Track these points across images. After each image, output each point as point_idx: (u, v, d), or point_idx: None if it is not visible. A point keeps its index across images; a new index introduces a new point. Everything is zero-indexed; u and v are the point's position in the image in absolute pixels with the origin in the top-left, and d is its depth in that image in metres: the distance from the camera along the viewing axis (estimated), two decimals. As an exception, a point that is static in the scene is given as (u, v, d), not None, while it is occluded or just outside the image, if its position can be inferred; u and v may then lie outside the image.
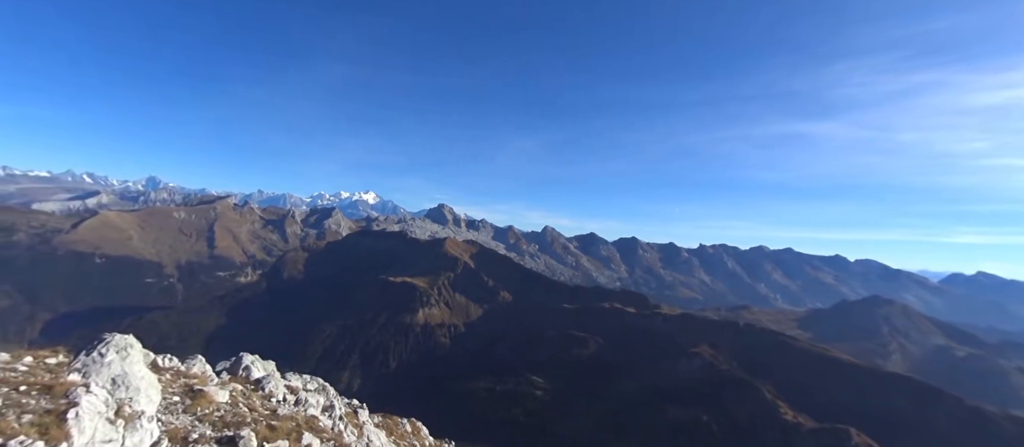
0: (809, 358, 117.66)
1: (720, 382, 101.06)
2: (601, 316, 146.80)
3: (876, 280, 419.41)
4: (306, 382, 15.57)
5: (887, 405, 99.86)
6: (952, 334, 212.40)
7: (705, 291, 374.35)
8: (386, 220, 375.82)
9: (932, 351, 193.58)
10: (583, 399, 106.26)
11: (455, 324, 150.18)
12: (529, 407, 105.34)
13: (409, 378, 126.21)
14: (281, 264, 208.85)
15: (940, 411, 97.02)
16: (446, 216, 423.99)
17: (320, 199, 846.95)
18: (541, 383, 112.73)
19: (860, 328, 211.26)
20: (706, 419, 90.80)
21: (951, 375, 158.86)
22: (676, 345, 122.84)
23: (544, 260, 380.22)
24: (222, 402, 8.93)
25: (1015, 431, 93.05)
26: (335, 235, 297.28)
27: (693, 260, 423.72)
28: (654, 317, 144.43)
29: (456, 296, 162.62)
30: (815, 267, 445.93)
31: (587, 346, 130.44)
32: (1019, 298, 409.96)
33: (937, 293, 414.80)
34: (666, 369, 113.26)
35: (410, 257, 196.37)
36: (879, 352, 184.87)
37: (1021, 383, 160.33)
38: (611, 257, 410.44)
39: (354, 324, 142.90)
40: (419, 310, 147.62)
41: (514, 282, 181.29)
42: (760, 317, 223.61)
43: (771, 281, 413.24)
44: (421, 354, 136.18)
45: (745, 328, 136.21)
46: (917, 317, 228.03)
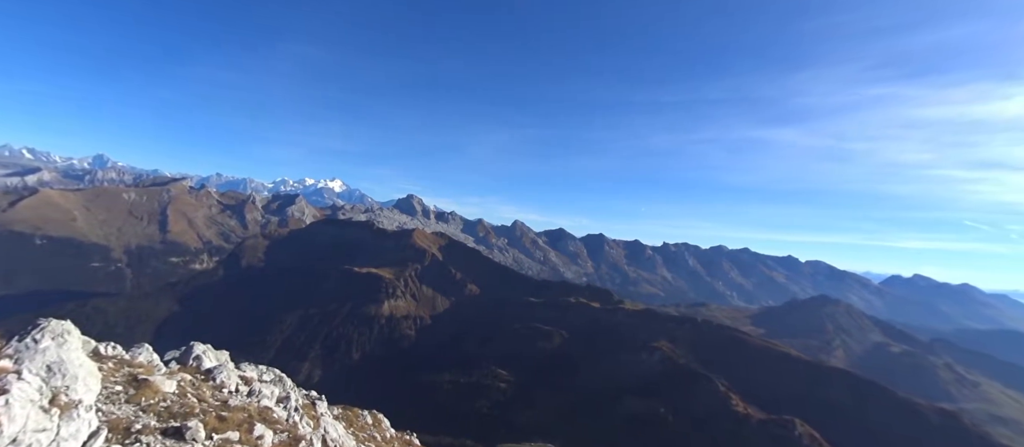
0: (760, 353, 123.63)
1: (677, 375, 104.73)
2: (567, 310, 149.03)
3: (824, 280, 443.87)
4: (262, 373, 15.22)
5: (829, 398, 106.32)
6: (889, 332, 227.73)
7: (667, 288, 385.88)
8: (352, 209, 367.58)
9: (871, 348, 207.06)
10: (547, 391, 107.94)
11: (421, 316, 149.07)
12: (493, 399, 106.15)
13: (372, 370, 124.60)
14: (240, 251, 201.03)
15: (875, 404, 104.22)
16: (415, 207, 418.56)
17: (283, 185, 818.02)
18: (506, 375, 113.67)
19: (807, 325, 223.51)
20: (663, 411, 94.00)
21: (887, 370, 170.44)
22: (637, 339, 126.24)
23: (513, 254, 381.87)
24: (169, 392, 8.67)
25: (941, 422, 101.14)
26: (298, 223, 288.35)
27: (657, 257, 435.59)
28: (617, 312, 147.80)
29: (423, 288, 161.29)
30: (769, 267, 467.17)
31: (552, 339, 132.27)
32: (950, 300, 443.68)
33: (878, 294, 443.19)
34: (627, 362, 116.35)
35: (377, 247, 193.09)
36: (824, 348, 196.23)
37: (948, 378, 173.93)
38: (578, 253, 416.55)
39: (316, 314, 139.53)
40: (384, 301, 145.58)
41: (482, 275, 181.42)
42: (717, 313, 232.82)
43: (728, 279, 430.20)
44: (386, 346, 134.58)
45: (702, 324, 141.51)
46: (859, 316, 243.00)
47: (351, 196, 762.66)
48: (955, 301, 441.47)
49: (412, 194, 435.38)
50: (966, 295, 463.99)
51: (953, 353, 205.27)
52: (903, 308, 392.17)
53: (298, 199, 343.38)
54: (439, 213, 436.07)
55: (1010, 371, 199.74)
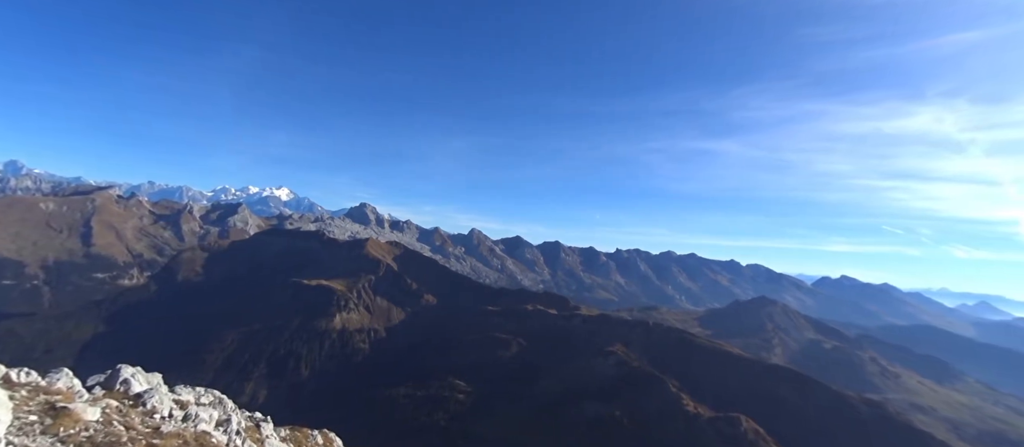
0: (708, 353, 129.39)
1: (631, 378, 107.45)
2: (524, 318, 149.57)
3: (763, 283, 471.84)
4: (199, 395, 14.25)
5: (771, 393, 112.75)
6: (822, 330, 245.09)
7: (620, 292, 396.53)
8: (301, 218, 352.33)
9: (806, 344, 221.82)
10: (505, 400, 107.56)
11: (375, 328, 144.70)
12: (451, 411, 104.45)
13: (323, 387, 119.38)
14: (175, 265, 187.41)
15: (812, 397, 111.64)
16: (368, 216, 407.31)
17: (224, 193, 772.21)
18: (463, 386, 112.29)
19: (749, 325, 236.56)
20: (618, 413, 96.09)
21: (820, 365, 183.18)
22: (593, 344, 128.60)
23: (470, 262, 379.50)
24: (91, 420, 7.96)
25: (869, 412, 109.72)
26: (241, 233, 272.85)
27: (610, 263, 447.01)
28: (574, 318, 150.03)
29: (377, 299, 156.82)
30: (714, 271, 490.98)
31: (510, 347, 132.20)
32: (872, 299, 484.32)
33: (810, 294, 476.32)
34: (584, 367, 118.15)
35: (327, 258, 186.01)
36: (764, 346, 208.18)
37: (873, 371, 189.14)
38: (535, 260, 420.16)
39: (261, 331, 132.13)
40: (336, 315, 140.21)
41: (439, 285, 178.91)
42: (667, 316, 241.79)
43: (677, 283, 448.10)
44: (337, 361, 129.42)
45: (654, 327, 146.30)
46: (795, 315, 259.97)
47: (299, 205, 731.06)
48: (877, 300, 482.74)
49: (365, 203, 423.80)
50: (886, 294, 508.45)
51: (877, 347, 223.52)
52: (833, 307, 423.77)
53: (241, 208, 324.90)
54: (394, 222, 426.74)
55: (926, 362, 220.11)
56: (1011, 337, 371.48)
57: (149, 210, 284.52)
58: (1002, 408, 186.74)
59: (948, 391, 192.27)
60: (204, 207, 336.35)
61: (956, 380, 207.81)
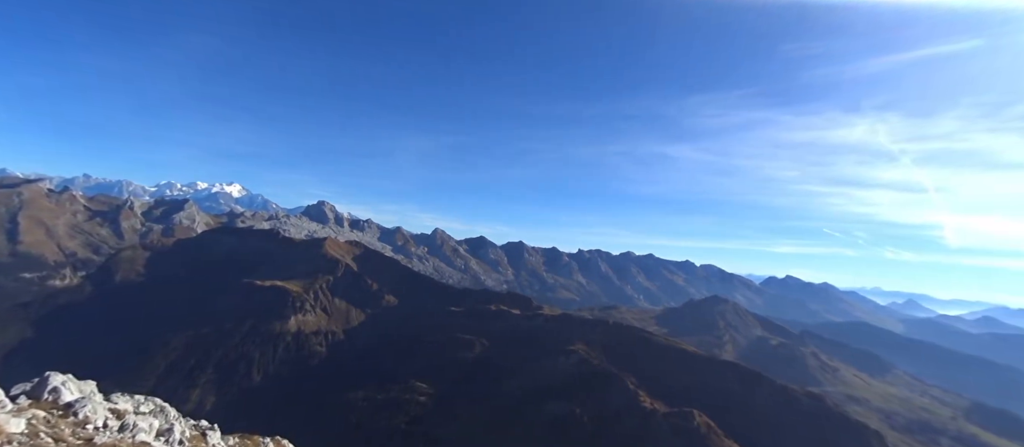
0: (664, 350, 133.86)
1: (591, 376, 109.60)
2: (488, 318, 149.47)
3: (716, 282, 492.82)
4: (138, 404, 13.47)
5: (722, 388, 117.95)
6: (768, 327, 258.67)
7: (582, 292, 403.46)
8: (254, 216, 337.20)
9: (754, 341, 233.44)
10: (468, 401, 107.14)
11: (333, 331, 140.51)
12: (412, 414, 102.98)
13: (277, 392, 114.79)
14: (113, 264, 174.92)
15: (759, 391, 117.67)
16: (327, 214, 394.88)
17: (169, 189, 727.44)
18: (425, 388, 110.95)
19: (703, 323, 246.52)
20: (579, 411, 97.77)
21: (767, 360, 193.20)
22: (556, 343, 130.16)
23: (433, 263, 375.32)
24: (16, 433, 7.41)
25: (810, 404, 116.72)
26: (188, 231, 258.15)
27: (573, 264, 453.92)
28: (536, 318, 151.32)
29: (335, 301, 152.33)
30: (670, 271, 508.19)
31: (473, 348, 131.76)
32: (814, 297, 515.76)
33: (759, 293, 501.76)
34: (546, 367, 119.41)
35: (282, 258, 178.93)
36: (716, 343, 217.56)
37: (814, 365, 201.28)
38: (499, 260, 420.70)
39: (209, 334, 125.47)
40: (291, 317, 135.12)
41: (400, 285, 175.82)
42: (626, 315, 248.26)
43: (636, 283, 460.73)
44: (292, 365, 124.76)
45: (613, 326, 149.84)
46: (744, 313, 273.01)
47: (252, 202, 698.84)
48: (818, 298, 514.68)
49: (323, 201, 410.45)
50: (826, 292, 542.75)
51: (817, 343, 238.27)
52: (778, 305, 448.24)
53: (188, 205, 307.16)
54: (354, 221, 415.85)
55: (861, 357, 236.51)
56: (935, 333, 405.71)
57: (84, 205, 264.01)
58: (928, 398, 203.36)
59: (880, 383, 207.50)
60: (146, 203, 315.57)
61: (887, 373, 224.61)
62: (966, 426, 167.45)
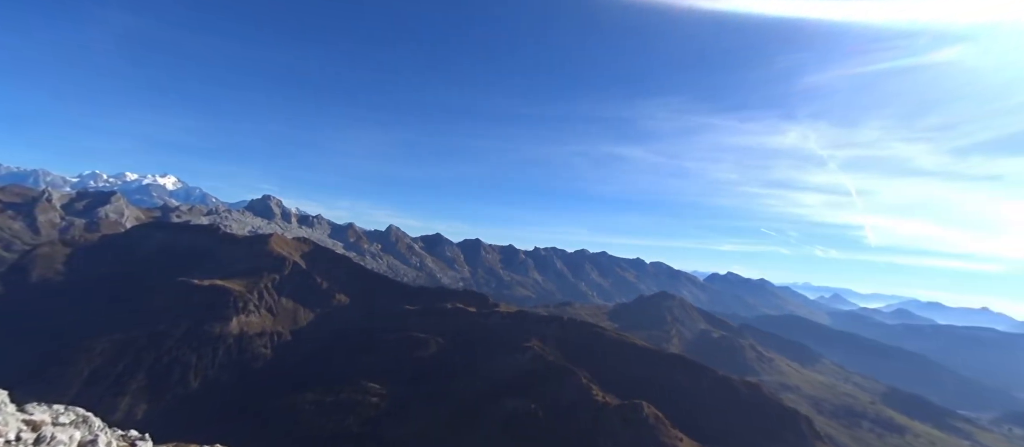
0: (615, 345, 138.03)
1: (547, 372, 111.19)
2: (444, 316, 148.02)
3: (664, 279, 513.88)
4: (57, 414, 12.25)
5: (669, 379, 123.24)
6: (711, 321, 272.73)
7: (538, 289, 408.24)
8: (191, 211, 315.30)
9: (698, 334, 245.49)
10: (423, 401, 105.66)
11: (279, 332, 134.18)
12: (364, 416, 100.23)
13: (217, 398, 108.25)
14: (28, 262, 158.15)
15: (702, 381, 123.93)
16: (273, 209, 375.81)
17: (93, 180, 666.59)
18: (378, 389, 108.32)
19: (652, 318, 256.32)
20: (534, 407, 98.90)
21: (709, 352, 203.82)
22: (512, 340, 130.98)
23: (387, 260, 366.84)
24: (-95, 453, 6.52)
25: (748, 393, 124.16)
26: (115, 226, 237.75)
27: (529, 261, 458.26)
28: (493, 315, 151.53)
29: (282, 301, 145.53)
30: (622, 268, 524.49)
31: (428, 347, 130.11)
32: (752, 292, 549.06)
33: (702, 288, 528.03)
34: (502, 364, 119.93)
35: (223, 255, 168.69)
36: (664, 337, 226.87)
37: (752, 356, 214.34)
38: (456, 258, 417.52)
39: (141, 337, 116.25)
40: (233, 318, 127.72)
41: (352, 283, 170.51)
42: (580, 312, 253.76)
43: (590, 280, 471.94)
44: (234, 369, 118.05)
45: (568, 322, 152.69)
46: (689, 308, 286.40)
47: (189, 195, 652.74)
48: (755, 293, 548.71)
49: (269, 195, 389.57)
50: (763, 288, 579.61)
51: (755, 335, 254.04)
52: (720, 300, 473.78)
53: (115, 197, 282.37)
54: (302, 216, 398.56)
55: (793, 348, 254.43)
56: (857, 324, 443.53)
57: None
58: (851, 385, 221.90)
59: (810, 372, 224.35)
60: (67, 195, 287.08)
61: (816, 362, 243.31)
62: (883, 410, 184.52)
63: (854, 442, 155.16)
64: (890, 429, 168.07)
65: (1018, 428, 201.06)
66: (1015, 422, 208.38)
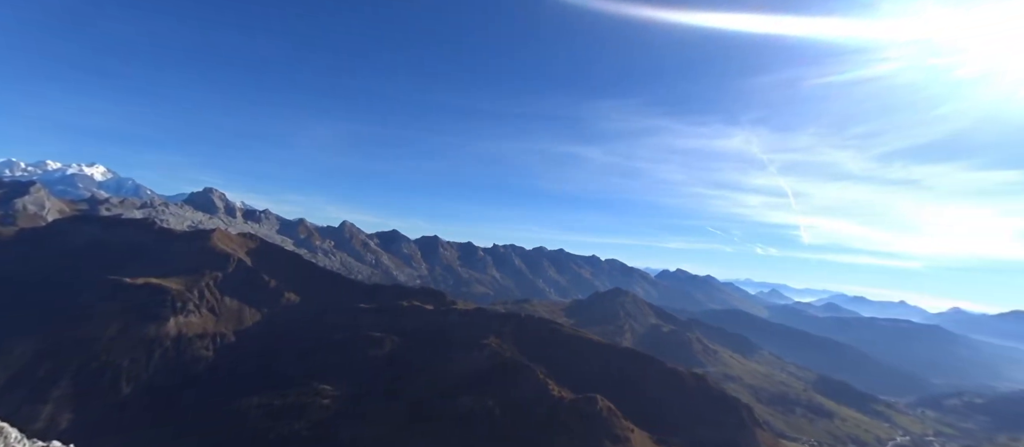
0: (571, 341, 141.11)
1: (504, 369, 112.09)
2: (400, 314, 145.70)
3: (618, 275, 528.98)
4: (-28, 427, 11.30)
5: (621, 373, 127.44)
6: (661, 315, 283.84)
7: (496, 287, 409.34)
8: (122, 204, 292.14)
9: (649, 329, 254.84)
10: (377, 401, 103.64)
11: (222, 333, 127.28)
12: (314, 418, 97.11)
13: (152, 404, 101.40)
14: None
15: (652, 373, 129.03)
16: (215, 203, 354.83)
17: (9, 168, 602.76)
18: (329, 391, 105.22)
19: (606, 314, 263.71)
20: (491, 404, 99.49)
21: (659, 346, 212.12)
22: (469, 338, 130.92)
23: (341, 257, 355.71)
24: None
25: (695, 383, 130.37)
26: (35, 219, 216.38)
27: (487, 258, 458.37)
28: (450, 313, 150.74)
29: (225, 300, 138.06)
30: (578, 265, 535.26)
31: (383, 346, 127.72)
32: (699, 288, 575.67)
33: (654, 285, 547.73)
34: (459, 361, 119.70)
35: (159, 252, 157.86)
36: (617, 332, 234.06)
37: (698, 349, 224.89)
38: (413, 255, 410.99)
39: (65, 340, 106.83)
40: (170, 319, 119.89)
41: (303, 281, 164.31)
42: (538, 308, 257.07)
43: (547, 277, 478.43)
44: (172, 373, 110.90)
45: (525, 319, 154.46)
46: (641, 304, 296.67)
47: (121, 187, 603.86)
48: (702, 289, 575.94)
49: (211, 188, 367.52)
50: (709, 284, 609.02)
51: (701, 329, 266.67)
52: (670, 296, 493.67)
53: (34, 188, 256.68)
54: (248, 211, 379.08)
55: (736, 340, 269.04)
56: (792, 317, 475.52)
57: None
58: (786, 374, 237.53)
59: (750, 362, 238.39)
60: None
61: (755, 353, 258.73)
62: (815, 396, 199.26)
63: (789, 427, 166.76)
64: (820, 414, 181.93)
65: (930, 411, 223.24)
66: (928, 406, 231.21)
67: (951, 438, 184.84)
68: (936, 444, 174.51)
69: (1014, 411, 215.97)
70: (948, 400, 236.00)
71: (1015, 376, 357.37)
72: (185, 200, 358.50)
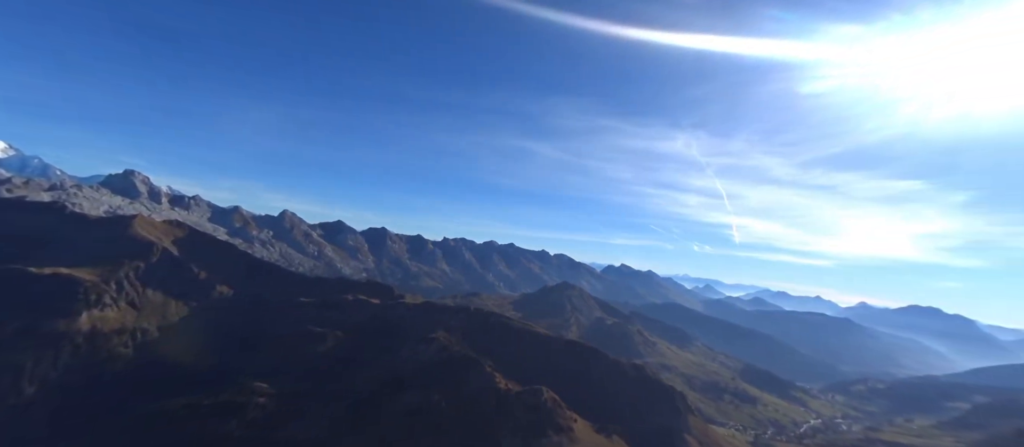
0: (519, 334, 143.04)
1: (451, 363, 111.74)
2: (344, 309, 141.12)
3: (566, 270, 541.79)
4: None
5: (567, 365, 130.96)
6: (605, 309, 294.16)
7: (446, 280, 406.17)
8: (27, 185, 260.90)
9: (594, 322, 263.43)
10: (318, 399, 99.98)
11: (144, 329, 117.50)
12: (248, 418, 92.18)
13: (61, 407, 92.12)
14: None
15: (595, 365, 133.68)
16: (138, 187, 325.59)
17: None
18: (266, 389, 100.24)
19: (553, 307, 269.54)
20: (437, 398, 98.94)
21: (603, 338, 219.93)
22: (416, 332, 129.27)
23: (280, 248, 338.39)
24: None
25: (635, 373, 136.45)
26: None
27: (437, 252, 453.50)
28: (398, 307, 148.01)
29: (148, 292, 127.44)
30: (528, 260, 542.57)
31: (325, 341, 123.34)
32: (641, 283, 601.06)
33: (599, 279, 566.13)
34: (406, 356, 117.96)
35: (70, 239, 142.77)
36: (564, 325, 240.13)
37: (639, 340, 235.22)
38: (359, 247, 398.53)
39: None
40: (82, 313, 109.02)
41: (238, 273, 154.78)
42: (487, 302, 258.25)
43: (498, 271, 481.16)
44: (84, 372, 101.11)
45: (474, 312, 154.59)
46: (587, 297, 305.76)
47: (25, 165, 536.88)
48: (644, 283, 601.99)
49: (132, 170, 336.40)
50: (650, 279, 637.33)
51: (642, 322, 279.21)
52: (614, 290, 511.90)
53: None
54: (176, 197, 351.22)
55: (673, 332, 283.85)
56: (723, 311, 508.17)
57: None
58: (717, 364, 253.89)
59: (685, 353, 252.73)
60: None
61: (690, 344, 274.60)
62: (741, 384, 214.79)
63: (718, 413, 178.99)
64: (746, 400, 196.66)
65: (839, 395, 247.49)
66: (838, 391, 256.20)
67: (856, 420, 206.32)
68: (843, 425, 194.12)
69: (910, 394, 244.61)
70: (854, 386, 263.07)
71: (910, 364, 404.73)
72: (102, 182, 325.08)
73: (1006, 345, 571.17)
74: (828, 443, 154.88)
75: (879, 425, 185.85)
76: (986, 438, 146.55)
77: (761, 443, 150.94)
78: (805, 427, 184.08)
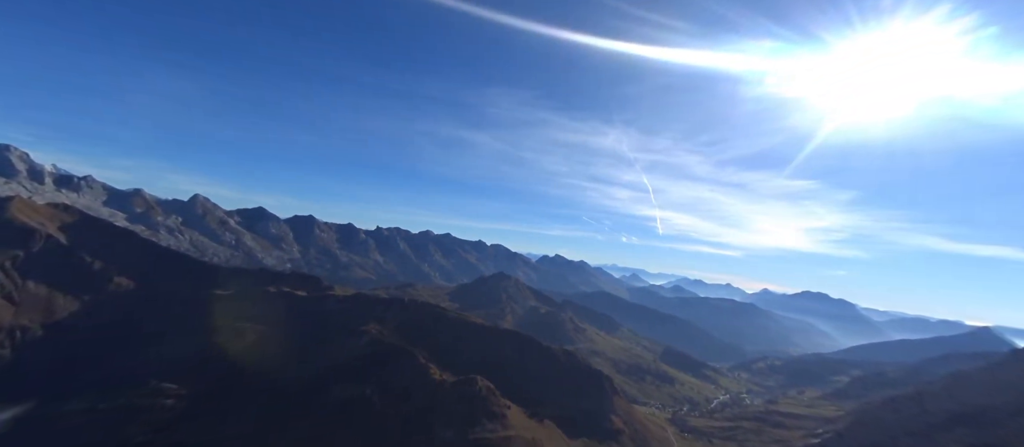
0: (455, 324, 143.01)
1: (384, 355, 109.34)
2: (265, 302, 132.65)
3: (502, 260, 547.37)
4: None
5: (501, 354, 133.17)
6: (540, 298, 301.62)
7: (379, 271, 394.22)
8: None
9: (528, 311, 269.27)
10: (234, 398, 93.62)
11: (25, 326, 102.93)
12: (155, 421, 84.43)
13: (-92, 420, 78.53)
14: None
15: (528, 352, 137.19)
16: (15, 165, 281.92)
17: None
18: (175, 390, 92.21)
19: (489, 297, 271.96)
20: (369, 391, 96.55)
21: (537, 327, 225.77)
22: (347, 325, 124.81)
23: (191, 236, 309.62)
24: None
25: (566, 359, 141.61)
26: None
27: (370, 241, 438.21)
28: (326, 299, 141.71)
29: (29, 285, 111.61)
30: (465, 250, 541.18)
31: (244, 337, 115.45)
32: (574, 273, 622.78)
33: (534, 269, 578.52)
34: (334, 350, 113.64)
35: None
36: (499, 315, 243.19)
37: (571, 328, 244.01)
38: (283, 236, 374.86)
39: None
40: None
41: (139, 264, 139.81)
42: (422, 293, 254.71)
43: (433, 262, 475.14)
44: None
45: (409, 303, 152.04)
46: (522, 287, 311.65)
47: None
48: (576, 273, 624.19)
49: (9, 145, 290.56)
50: (582, 268, 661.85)
51: (574, 310, 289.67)
52: (548, 280, 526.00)
53: None
54: (63, 177, 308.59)
55: (602, 319, 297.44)
56: (647, 298, 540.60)
57: None
58: (640, 347, 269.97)
59: (612, 339, 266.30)
60: None
61: (617, 330, 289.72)
62: (662, 366, 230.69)
63: (640, 393, 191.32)
64: (665, 381, 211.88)
65: (744, 373, 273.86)
66: (743, 369, 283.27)
67: (758, 394, 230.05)
68: (747, 400, 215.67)
69: (802, 369, 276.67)
70: (756, 364, 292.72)
71: (803, 343, 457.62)
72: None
73: (879, 326, 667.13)
74: (734, 416, 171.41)
75: (776, 398, 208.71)
76: (860, 406, 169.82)
77: (677, 419, 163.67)
78: (715, 403, 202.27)
